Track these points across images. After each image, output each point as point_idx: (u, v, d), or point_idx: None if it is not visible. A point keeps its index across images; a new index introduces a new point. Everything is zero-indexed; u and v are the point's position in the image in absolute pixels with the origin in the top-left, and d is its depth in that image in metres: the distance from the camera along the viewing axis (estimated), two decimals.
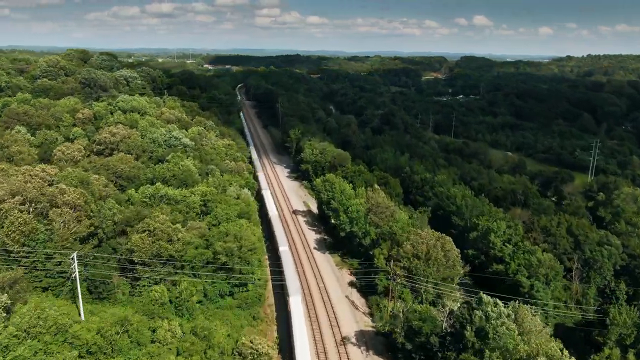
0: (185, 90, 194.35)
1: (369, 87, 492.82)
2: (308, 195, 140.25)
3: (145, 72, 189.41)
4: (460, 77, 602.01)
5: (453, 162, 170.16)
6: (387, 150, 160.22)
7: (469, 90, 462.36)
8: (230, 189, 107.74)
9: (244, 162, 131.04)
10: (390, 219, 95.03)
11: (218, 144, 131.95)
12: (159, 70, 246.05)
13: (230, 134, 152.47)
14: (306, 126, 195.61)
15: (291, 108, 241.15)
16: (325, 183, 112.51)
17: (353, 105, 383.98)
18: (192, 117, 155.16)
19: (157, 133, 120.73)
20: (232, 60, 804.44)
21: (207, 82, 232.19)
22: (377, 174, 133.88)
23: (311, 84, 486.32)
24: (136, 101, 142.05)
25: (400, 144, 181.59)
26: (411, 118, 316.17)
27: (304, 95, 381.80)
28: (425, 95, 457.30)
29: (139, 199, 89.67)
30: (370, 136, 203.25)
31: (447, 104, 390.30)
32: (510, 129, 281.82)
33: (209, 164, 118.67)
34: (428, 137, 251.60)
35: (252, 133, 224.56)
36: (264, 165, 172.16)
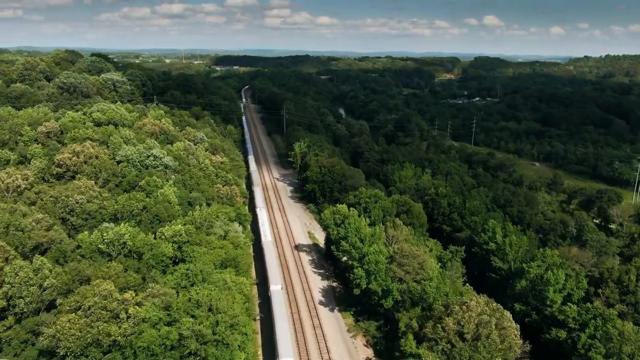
0: (179, 96, 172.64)
1: (381, 89, 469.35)
2: (314, 221, 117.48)
3: (134, 76, 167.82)
4: (474, 78, 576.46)
5: (481, 180, 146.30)
6: (406, 167, 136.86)
7: (485, 93, 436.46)
8: (217, 225, 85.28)
9: (238, 186, 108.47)
10: (419, 270, 71.93)
11: (207, 162, 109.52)
12: (155, 72, 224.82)
13: (225, 147, 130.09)
14: (313, 136, 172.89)
15: (298, 113, 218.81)
16: (335, 216, 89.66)
17: (364, 108, 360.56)
18: (180, 128, 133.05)
19: (131, 151, 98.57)
20: (240, 61, 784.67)
21: (206, 85, 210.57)
22: (397, 198, 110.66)
23: (320, 85, 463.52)
24: (114, 110, 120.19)
25: (419, 156, 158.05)
26: (426, 122, 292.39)
27: (312, 98, 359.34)
28: (439, 97, 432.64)
29: (90, 250, 67.60)
30: (385, 147, 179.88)
31: (464, 108, 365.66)
32: (535, 136, 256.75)
33: (193, 190, 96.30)
34: (447, 145, 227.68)
35: (253, 142, 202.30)
36: (263, 179, 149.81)
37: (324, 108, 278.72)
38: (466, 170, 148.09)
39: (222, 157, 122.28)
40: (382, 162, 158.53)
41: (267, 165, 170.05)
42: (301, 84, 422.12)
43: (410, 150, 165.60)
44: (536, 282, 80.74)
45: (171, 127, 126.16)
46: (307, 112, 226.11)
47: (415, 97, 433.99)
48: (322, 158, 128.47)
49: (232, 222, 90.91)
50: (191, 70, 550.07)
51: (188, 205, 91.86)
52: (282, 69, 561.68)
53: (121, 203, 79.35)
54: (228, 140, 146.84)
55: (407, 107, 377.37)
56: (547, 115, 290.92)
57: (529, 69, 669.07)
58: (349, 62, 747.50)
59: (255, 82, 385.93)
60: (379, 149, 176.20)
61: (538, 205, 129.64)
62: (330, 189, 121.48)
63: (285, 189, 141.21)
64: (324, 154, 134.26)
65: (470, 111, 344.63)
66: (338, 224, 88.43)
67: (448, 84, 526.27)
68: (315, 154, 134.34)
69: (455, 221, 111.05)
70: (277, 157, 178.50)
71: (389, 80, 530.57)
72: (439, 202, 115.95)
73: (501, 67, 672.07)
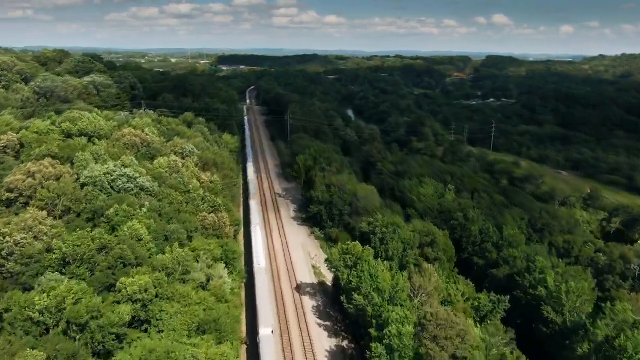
0: (172, 100, 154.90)
1: (391, 89, 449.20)
2: (319, 250, 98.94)
3: (123, 78, 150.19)
4: (487, 77, 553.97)
5: (511, 197, 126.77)
6: (426, 183, 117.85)
7: (500, 93, 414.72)
8: (196, 268, 67.20)
9: (229, 212, 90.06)
10: (459, 344, 53.20)
11: (194, 183, 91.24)
12: (152, 73, 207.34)
13: (218, 161, 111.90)
14: (319, 144, 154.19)
15: (304, 117, 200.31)
16: (345, 256, 71.17)
17: (374, 110, 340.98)
18: (168, 139, 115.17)
19: (99, 171, 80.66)
20: (247, 60, 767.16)
21: (204, 87, 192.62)
22: (419, 226, 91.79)
23: (328, 85, 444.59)
24: (87, 120, 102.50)
25: (439, 168, 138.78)
26: (441, 125, 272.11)
27: (319, 99, 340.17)
28: (452, 98, 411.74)
29: (22, 317, 49.77)
30: (400, 156, 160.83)
31: (479, 109, 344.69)
32: (560, 142, 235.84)
33: (172, 219, 78.18)
34: (465, 152, 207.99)
35: (255, 148, 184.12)
36: (262, 192, 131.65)
37: (332, 110, 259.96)
38: (493, 186, 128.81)
39: (214, 175, 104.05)
40: (398, 174, 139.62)
41: (268, 176, 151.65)
42: (308, 84, 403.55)
43: (428, 162, 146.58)
44: (605, 347, 61.88)
45: (156, 138, 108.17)
46: (314, 116, 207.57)
47: (427, 97, 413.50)
48: (330, 174, 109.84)
49: (218, 261, 72.79)
50: (197, 69, 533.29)
51: (164, 241, 73.77)
52: (288, 69, 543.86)
53: (70, 244, 61.30)
54: (224, 151, 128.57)
55: (419, 109, 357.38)
56: (571, 117, 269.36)
57: (543, 68, 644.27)
58: (358, 61, 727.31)
59: (260, 82, 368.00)
60: (393, 159, 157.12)
61: (582, 229, 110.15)
62: (339, 212, 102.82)
63: (288, 207, 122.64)
64: (332, 169, 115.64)
65: (486, 113, 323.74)
66: (349, 266, 69.94)
67: (460, 84, 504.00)
68: (322, 168, 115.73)
69: (489, 253, 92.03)
70: (280, 167, 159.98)
71: (399, 80, 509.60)
72: (469, 229, 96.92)
73: (514, 66, 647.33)
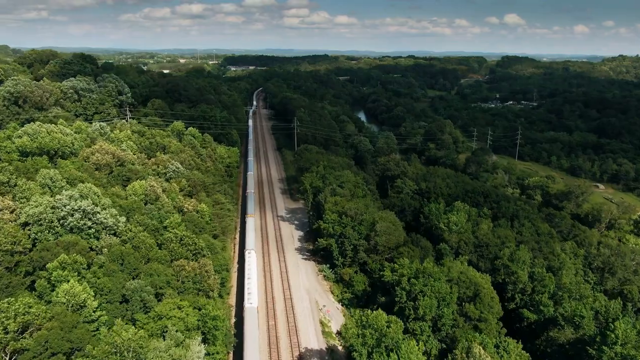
0: (164, 106, 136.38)
1: (404, 91, 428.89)
2: (330, 296, 79.66)
3: (108, 81, 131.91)
4: (504, 79, 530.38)
5: (557, 224, 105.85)
6: (457, 208, 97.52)
7: (520, 96, 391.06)
8: (158, 350, 48.11)
9: (214, 254, 70.72)
10: None
11: (173, 218, 72.12)
12: (147, 75, 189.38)
13: (208, 183, 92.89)
14: (329, 157, 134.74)
15: (312, 125, 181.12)
16: (364, 330, 51.65)
17: (388, 114, 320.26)
18: (150, 155, 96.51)
19: (45, 205, 62.02)
20: (257, 61, 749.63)
21: (201, 91, 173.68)
22: (455, 270, 71.71)
23: (339, 87, 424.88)
24: (50, 133, 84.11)
25: (469, 186, 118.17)
26: (458, 129, 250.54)
27: (330, 103, 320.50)
28: (469, 101, 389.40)
29: None
30: (421, 170, 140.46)
31: (499, 113, 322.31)
32: (593, 150, 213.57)
33: (137, 271, 59.30)
34: (490, 163, 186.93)
35: (258, 157, 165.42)
36: (263, 212, 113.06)
37: (343, 115, 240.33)
38: (536, 210, 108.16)
39: (202, 202, 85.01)
40: (420, 193, 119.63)
41: (271, 192, 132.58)
42: (318, 86, 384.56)
43: (453, 176, 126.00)
44: None
45: (133, 156, 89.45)
46: (324, 122, 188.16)
47: (443, 100, 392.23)
48: (342, 199, 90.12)
49: (193, 331, 53.76)
50: (204, 70, 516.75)
51: (121, 304, 54.97)
52: (298, 70, 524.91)
53: None
54: (218, 166, 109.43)
55: (435, 112, 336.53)
56: (603, 123, 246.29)
57: (561, 68, 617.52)
58: (369, 61, 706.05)
59: (268, 84, 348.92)
60: (413, 173, 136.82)
61: None
62: (353, 247, 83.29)
63: (291, 234, 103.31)
64: (345, 191, 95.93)
65: (508, 118, 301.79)
66: (370, 347, 50.45)
67: (477, 86, 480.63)
68: (333, 190, 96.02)
69: (544, 307, 71.85)
70: (285, 182, 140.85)
71: (412, 82, 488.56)
72: (515, 272, 76.78)
73: (531, 67, 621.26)
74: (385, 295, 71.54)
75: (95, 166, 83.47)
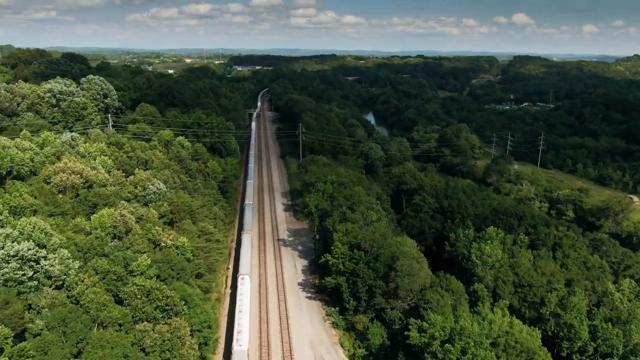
0: (155, 111, 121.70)
1: (414, 92, 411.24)
2: (340, 353, 64.27)
3: (93, 84, 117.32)
4: (517, 79, 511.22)
5: (604, 253, 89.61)
6: (490, 235, 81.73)
7: (537, 97, 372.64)
8: None
9: (186, 316, 55.35)
10: None
11: (140, 261, 56.99)
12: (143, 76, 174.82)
13: (196, 207, 77.87)
14: (338, 169, 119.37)
15: (319, 131, 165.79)
16: None
17: (398, 116, 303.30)
18: (128, 172, 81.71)
19: None
20: (264, 61, 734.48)
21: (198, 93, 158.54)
22: (503, 341, 56.05)
23: (347, 88, 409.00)
24: (6, 149, 69.49)
25: (499, 206, 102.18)
26: (475, 134, 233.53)
27: (338, 104, 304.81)
28: (482, 102, 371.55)
29: None
30: (440, 182, 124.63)
31: (515, 116, 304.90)
32: (621, 157, 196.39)
33: (83, 342, 44.34)
34: (513, 172, 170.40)
35: (259, 168, 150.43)
36: (263, 233, 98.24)
37: (352, 118, 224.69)
38: (581, 237, 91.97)
39: (186, 232, 69.96)
40: (442, 212, 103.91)
41: (272, 208, 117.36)
42: (325, 86, 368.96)
43: (482, 196, 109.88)
44: None
45: (104, 175, 74.57)
46: (332, 127, 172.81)
47: (454, 101, 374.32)
48: (354, 227, 74.50)
49: None
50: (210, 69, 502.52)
51: None
52: (305, 70, 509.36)
53: None
54: (209, 184, 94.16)
55: (448, 115, 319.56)
56: (630, 128, 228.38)
57: (576, 69, 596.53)
58: (378, 61, 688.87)
59: (274, 85, 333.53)
60: (431, 187, 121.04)
61: None
62: (368, 289, 67.87)
63: (294, 264, 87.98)
64: (357, 215, 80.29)
65: (525, 120, 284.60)
66: None
67: (489, 86, 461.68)
68: (342, 214, 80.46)
69: None
70: (289, 196, 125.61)
71: (422, 82, 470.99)
72: (572, 328, 60.98)
73: (543, 67, 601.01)
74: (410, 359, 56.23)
75: (59, 189, 68.76)
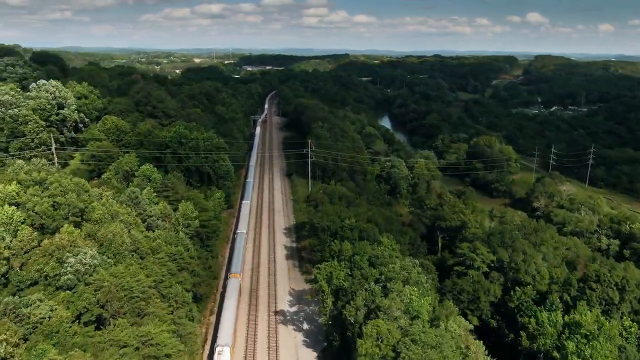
0: (124, 125, 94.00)
1: (433, 94, 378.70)
2: None
3: (43, 91, 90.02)
4: (541, 80, 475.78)
5: None
6: (601, 330, 52.75)
7: (568, 100, 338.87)
8: None
9: None
10: None
11: None
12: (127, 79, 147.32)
13: (147, 284, 50.02)
14: (358, 207, 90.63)
15: (333, 140, 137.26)
16: None
17: (418, 121, 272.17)
18: (47, 230, 53.84)
19: None
20: (274, 60, 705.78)
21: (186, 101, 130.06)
22: None
23: (361, 90, 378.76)
24: None
25: (584, 264, 72.99)
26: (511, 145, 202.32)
27: (352, 108, 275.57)
28: (509, 105, 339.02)
29: None
30: (497, 230, 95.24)
31: (547, 121, 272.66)
32: None
33: None
34: (566, 195, 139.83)
35: (259, 191, 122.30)
36: (255, 302, 70.35)
37: (369, 126, 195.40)
38: None
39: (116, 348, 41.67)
40: (501, 269, 74.80)
41: (271, 251, 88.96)
42: (338, 88, 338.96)
43: (554, 246, 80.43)
44: None
45: (12, 241, 46.73)
46: (347, 140, 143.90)
47: (478, 104, 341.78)
48: (389, 328, 45.74)
49: None
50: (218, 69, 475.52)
51: None
52: (317, 70, 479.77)
53: None
54: (179, 238, 65.65)
55: (472, 119, 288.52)
56: None
57: (601, 69, 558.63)
58: (392, 60, 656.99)
59: (283, 87, 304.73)
60: (477, 226, 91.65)
61: None
62: None
63: (296, 355, 59.58)
64: (393, 300, 51.39)
65: (560, 127, 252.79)
66: None
67: (513, 88, 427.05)
68: (370, 296, 51.60)
69: None
70: (293, 235, 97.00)
71: (441, 83, 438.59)
72: None
73: (567, 68, 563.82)
74: None
75: None
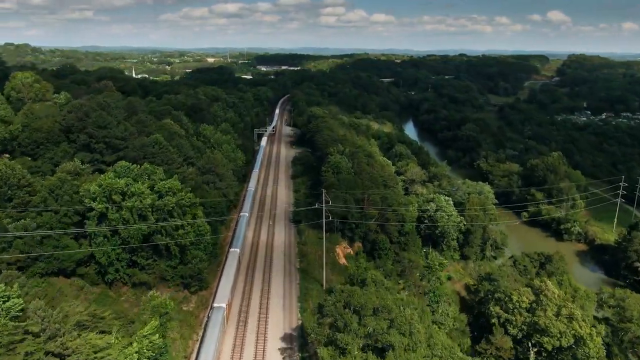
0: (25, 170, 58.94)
1: (462, 97, 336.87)
2: None
3: None
4: (578, 82, 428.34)
5: None
6: None
7: (622, 106, 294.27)
8: None
9: None
10: None
11: None
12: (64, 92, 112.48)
13: None
14: (391, 288, 53.80)
15: (356, 172, 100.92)
16: None
17: (450, 131, 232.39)
18: None
19: None
20: (290, 60, 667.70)
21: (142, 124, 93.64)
22: None
23: (384, 93, 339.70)
24: None
25: None
26: (578, 170, 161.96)
27: (375, 116, 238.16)
28: (549, 111, 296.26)
29: None
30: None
31: (604, 132, 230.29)
32: None
33: None
34: None
35: (251, 272, 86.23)
36: None
37: (399, 144, 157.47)
38: None
39: None
40: None
41: None
42: (359, 92, 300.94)
43: None
44: None
45: None
46: (374, 171, 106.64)
47: (513, 109, 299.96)
48: None
49: None
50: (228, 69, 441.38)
51: None
52: (335, 71, 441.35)
53: None
54: None
55: (510, 127, 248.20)
56: None
57: None
58: (414, 59, 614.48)
59: (296, 91, 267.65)
60: (595, 341, 54.10)
61: None
62: None
63: None
64: None
65: (622, 141, 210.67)
66: None
67: (550, 91, 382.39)
68: None
69: None
70: (299, 345, 60.58)
71: (469, 84, 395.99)
72: None
73: (606, 68, 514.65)
74: None
75: None
